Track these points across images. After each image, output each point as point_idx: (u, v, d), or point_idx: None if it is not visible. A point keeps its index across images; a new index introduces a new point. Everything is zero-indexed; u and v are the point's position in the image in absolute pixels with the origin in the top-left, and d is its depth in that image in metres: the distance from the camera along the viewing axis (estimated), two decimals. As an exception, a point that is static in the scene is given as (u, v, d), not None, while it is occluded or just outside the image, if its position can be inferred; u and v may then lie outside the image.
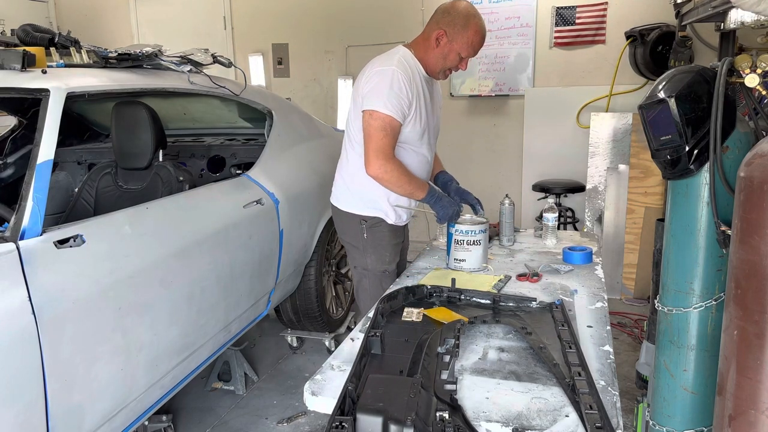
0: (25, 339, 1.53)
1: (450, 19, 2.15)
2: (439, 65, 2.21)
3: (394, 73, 2.09)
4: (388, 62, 2.14)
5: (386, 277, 2.34)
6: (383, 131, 2.08)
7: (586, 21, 4.59)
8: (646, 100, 1.50)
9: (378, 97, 2.08)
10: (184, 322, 2.15)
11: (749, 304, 1.09)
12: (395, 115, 2.08)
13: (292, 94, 5.41)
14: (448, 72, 2.26)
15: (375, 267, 2.33)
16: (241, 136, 3.51)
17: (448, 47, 2.16)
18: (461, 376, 1.39)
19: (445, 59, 2.19)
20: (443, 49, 2.17)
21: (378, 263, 2.33)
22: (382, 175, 2.10)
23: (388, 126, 2.08)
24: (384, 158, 2.08)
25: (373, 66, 2.17)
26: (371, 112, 2.08)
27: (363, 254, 2.34)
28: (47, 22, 5.81)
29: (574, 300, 1.86)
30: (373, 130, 2.08)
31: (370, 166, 2.10)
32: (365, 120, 2.10)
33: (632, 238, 4.01)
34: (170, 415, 2.59)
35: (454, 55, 2.17)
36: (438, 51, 2.17)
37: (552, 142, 4.76)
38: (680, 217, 1.51)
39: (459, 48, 2.16)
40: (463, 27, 2.14)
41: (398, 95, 2.08)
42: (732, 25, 2.05)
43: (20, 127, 3.04)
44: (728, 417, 1.16)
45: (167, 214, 2.24)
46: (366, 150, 2.10)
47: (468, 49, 2.17)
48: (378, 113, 2.07)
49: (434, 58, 2.19)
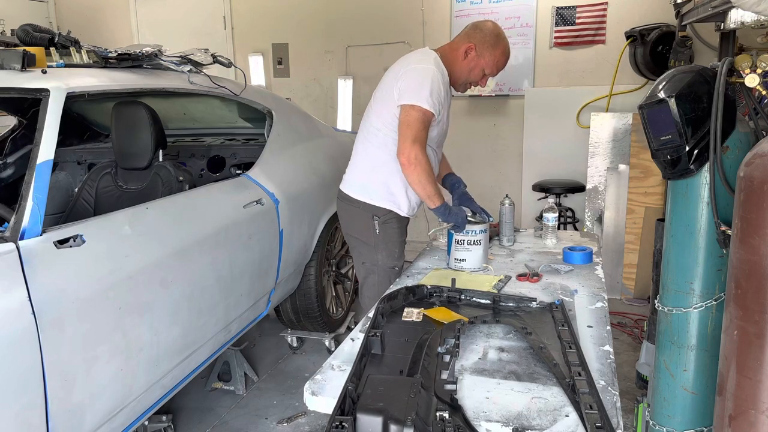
0: (25, 339, 1.53)
1: (481, 35, 2.26)
2: (463, 77, 2.30)
3: (434, 73, 2.17)
4: (426, 61, 2.21)
5: (395, 273, 2.37)
6: (423, 124, 2.14)
7: (586, 21, 4.59)
8: (646, 100, 1.50)
9: (421, 92, 2.14)
10: (184, 322, 2.15)
11: (749, 304, 1.09)
12: (433, 109, 2.16)
13: (292, 94, 5.41)
14: (469, 86, 2.35)
15: (385, 263, 2.37)
16: (241, 136, 3.51)
17: (475, 62, 2.26)
18: (461, 376, 1.39)
19: (470, 72, 2.29)
20: (470, 62, 2.26)
21: (388, 259, 2.37)
22: (413, 163, 2.13)
23: (428, 120, 2.16)
24: (420, 147, 2.12)
25: (409, 63, 2.23)
26: (413, 106, 2.14)
27: (374, 250, 2.37)
28: (47, 22, 5.81)
29: (574, 300, 1.86)
30: (414, 120, 2.13)
31: (404, 151, 2.13)
32: (406, 112, 2.15)
33: (632, 238, 4.01)
34: (170, 415, 2.59)
35: (479, 70, 2.28)
36: (465, 63, 2.27)
37: (552, 142, 4.76)
38: (680, 217, 1.51)
39: (485, 64, 2.27)
40: (493, 45, 2.25)
41: (438, 94, 2.17)
42: (732, 25, 2.05)
43: (20, 127, 3.04)
44: (728, 417, 1.16)
45: (167, 214, 2.24)
46: (403, 137, 2.14)
47: (493, 67, 2.28)
48: (420, 107, 2.13)
49: (460, 69, 2.28)
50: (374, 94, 2.36)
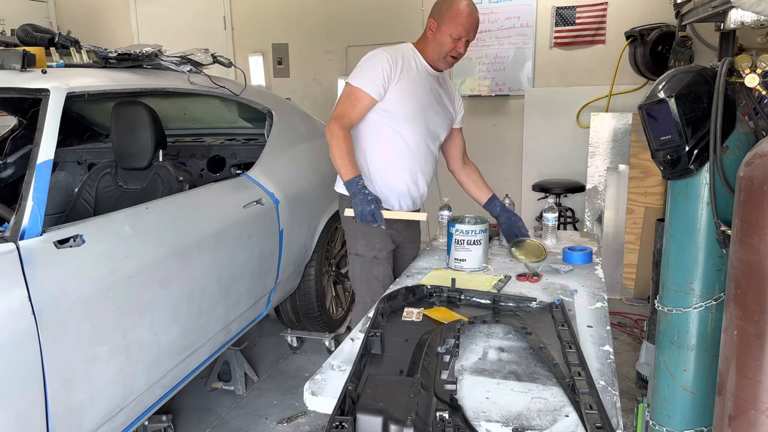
0: (25, 339, 1.53)
1: (437, 7, 2.27)
2: (436, 53, 2.28)
3: (375, 53, 2.23)
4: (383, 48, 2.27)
5: (376, 263, 2.36)
6: (346, 98, 2.21)
7: (586, 21, 4.59)
8: (646, 100, 1.50)
9: (355, 72, 2.23)
10: (184, 322, 2.15)
11: (749, 304, 1.09)
12: (364, 86, 2.19)
13: (292, 94, 5.41)
14: (450, 59, 2.30)
15: (365, 253, 2.36)
16: (241, 136, 3.51)
17: (440, 32, 2.24)
18: (461, 376, 1.39)
19: (441, 45, 2.26)
20: (436, 35, 2.25)
21: (367, 249, 2.35)
22: (328, 138, 2.18)
23: (353, 95, 2.20)
24: (334, 123, 2.17)
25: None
26: (346, 83, 2.23)
27: (354, 240, 2.38)
28: (47, 22, 5.81)
29: (574, 300, 1.86)
30: (341, 97, 2.23)
31: (326, 127, 2.21)
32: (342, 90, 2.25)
33: (632, 238, 4.01)
34: (170, 415, 2.59)
35: (446, 38, 2.24)
36: (432, 39, 2.27)
37: (552, 142, 4.75)
38: (680, 217, 1.51)
39: (448, 29, 2.23)
40: (447, 8, 2.24)
41: (373, 69, 2.19)
42: (732, 25, 2.05)
43: (20, 127, 3.04)
44: (728, 417, 1.16)
45: (167, 214, 2.24)
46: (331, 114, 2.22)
47: (456, 27, 2.22)
48: (349, 83, 2.22)
49: (431, 47, 2.28)
50: None
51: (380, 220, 2.09)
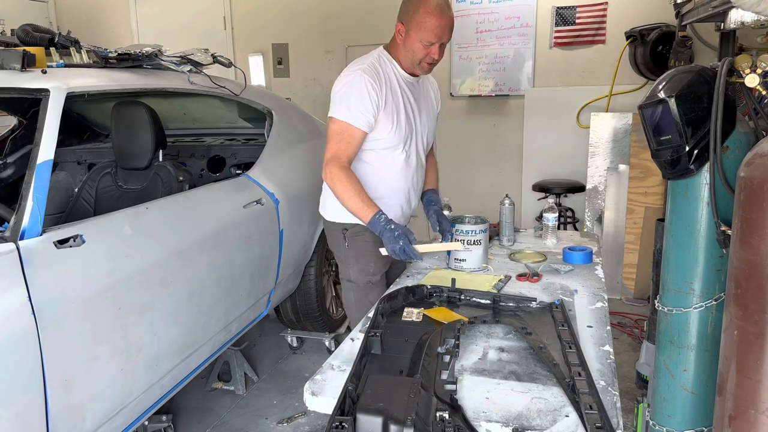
0: (25, 339, 1.53)
1: (404, 8, 2.05)
2: (408, 59, 2.08)
3: (357, 78, 2.00)
4: (359, 64, 2.06)
5: (371, 288, 2.22)
6: (339, 137, 2.00)
7: (586, 21, 4.59)
8: (646, 100, 1.50)
9: (339, 103, 2.01)
10: (184, 322, 2.15)
11: (749, 304, 1.09)
12: (354, 122, 2.00)
13: (292, 94, 5.40)
14: (426, 65, 2.09)
15: (358, 278, 2.22)
16: (241, 136, 3.51)
17: (409, 38, 2.03)
18: (461, 376, 1.39)
19: (412, 53, 2.05)
20: (405, 42, 2.05)
21: (361, 274, 2.22)
22: (329, 183, 2.01)
23: (345, 132, 2.00)
24: (332, 165, 1.99)
25: (344, 70, 2.09)
26: (331, 118, 2.02)
27: (346, 265, 2.25)
28: (47, 22, 5.81)
29: (574, 300, 1.86)
30: (331, 134, 2.02)
31: (323, 171, 2.02)
32: (328, 126, 2.04)
33: (632, 238, 4.01)
34: (170, 415, 2.59)
35: (416, 44, 2.03)
36: (402, 45, 2.07)
37: (552, 142, 4.75)
38: (680, 217, 1.51)
39: (417, 35, 2.01)
40: (414, 12, 2.00)
41: (359, 101, 1.99)
42: (732, 25, 2.05)
43: (20, 127, 3.04)
44: (728, 417, 1.16)
45: (167, 214, 2.24)
46: (325, 154, 2.03)
47: (426, 32, 1.99)
48: (337, 120, 2.01)
49: (403, 54, 2.08)
50: None
51: (415, 256, 1.93)
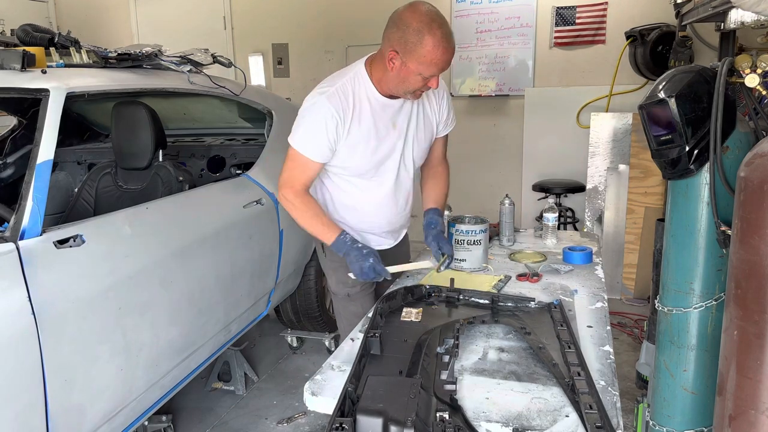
0: (25, 339, 1.53)
1: (400, 35, 1.74)
2: (400, 89, 1.81)
3: (318, 106, 1.82)
4: (325, 87, 1.87)
5: (350, 301, 2.12)
6: (293, 163, 1.89)
7: (586, 21, 4.59)
8: (646, 100, 1.50)
9: (297, 128, 1.88)
10: (184, 322, 2.15)
11: (749, 304, 1.09)
12: (306, 153, 1.85)
13: (292, 94, 5.40)
14: (419, 93, 1.84)
15: (337, 290, 2.14)
16: (241, 136, 3.51)
17: (405, 70, 1.75)
18: (461, 376, 1.39)
19: (405, 82, 1.78)
20: (399, 72, 1.76)
21: (339, 286, 2.12)
22: (285, 207, 1.93)
23: (299, 160, 1.88)
24: (287, 191, 1.90)
25: (317, 87, 1.90)
26: (290, 146, 1.89)
27: (327, 276, 2.19)
28: (47, 22, 5.81)
29: (574, 300, 1.86)
30: (287, 160, 1.91)
31: (280, 197, 1.93)
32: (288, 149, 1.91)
33: (632, 238, 4.01)
34: (170, 415, 2.59)
35: (413, 77, 1.76)
36: (393, 75, 1.78)
37: (552, 142, 4.75)
38: (680, 217, 1.51)
39: (417, 68, 1.73)
40: (416, 44, 1.70)
41: (315, 133, 1.83)
42: (732, 25, 2.05)
43: (20, 127, 3.04)
44: (728, 417, 1.16)
45: (167, 214, 2.24)
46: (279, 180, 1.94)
47: (430, 67, 1.72)
48: (293, 149, 1.88)
49: (392, 81, 1.80)
50: None
51: (384, 273, 1.84)
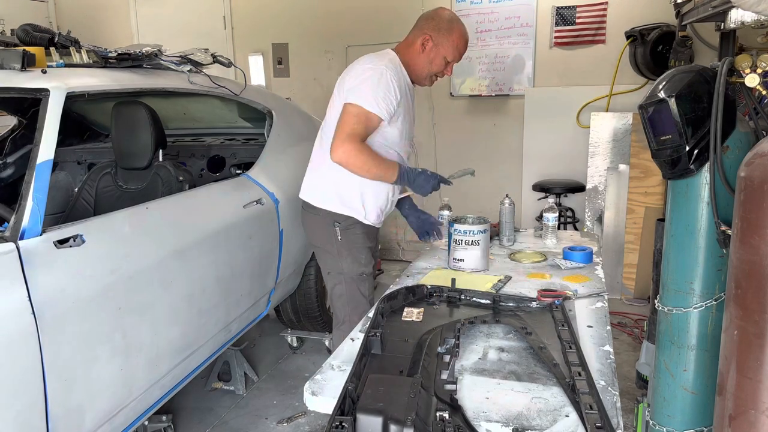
0: (25, 339, 1.53)
1: (435, 24, 2.20)
2: (425, 70, 2.24)
3: (384, 71, 2.10)
4: (378, 61, 2.15)
5: (363, 280, 2.28)
6: (357, 119, 2.05)
7: (586, 21, 4.59)
8: (646, 100, 1.50)
9: (365, 92, 2.07)
10: (184, 322, 2.15)
11: (749, 304, 1.09)
12: (378, 112, 2.07)
13: (292, 94, 5.40)
14: (434, 78, 2.28)
15: (351, 270, 2.26)
16: (241, 136, 3.51)
17: (435, 51, 2.20)
18: (461, 376, 1.39)
19: (432, 64, 2.22)
20: (429, 53, 2.20)
21: (354, 266, 2.26)
22: (347, 159, 2.04)
23: (365, 117, 2.06)
24: (351, 142, 2.03)
25: (362, 63, 2.17)
26: (353, 105, 2.06)
27: (338, 258, 2.27)
28: (47, 22, 5.81)
29: (574, 300, 1.86)
30: (348, 117, 2.06)
31: (336, 150, 2.04)
32: (344, 110, 2.08)
33: (632, 238, 4.01)
34: (170, 415, 2.59)
35: (440, 59, 2.21)
36: (424, 56, 2.21)
37: (552, 142, 4.75)
38: (680, 217, 1.51)
39: (445, 52, 2.20)
40: (448, 31, 2.19)
41: (386, 93, 2.09)
42: (732, 25, 2.05)
43: (20, 127, 3.04)
44: (728, 417, 1.16)
45: (167, 214, 2.24)
46: (335, 135, 2.06)
47: (454, 52, 2.22)
48: (359, 107, 2.06)
49: (421, 63, 2.22)
50: (335, 94, 2.25)
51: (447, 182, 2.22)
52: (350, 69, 2.20)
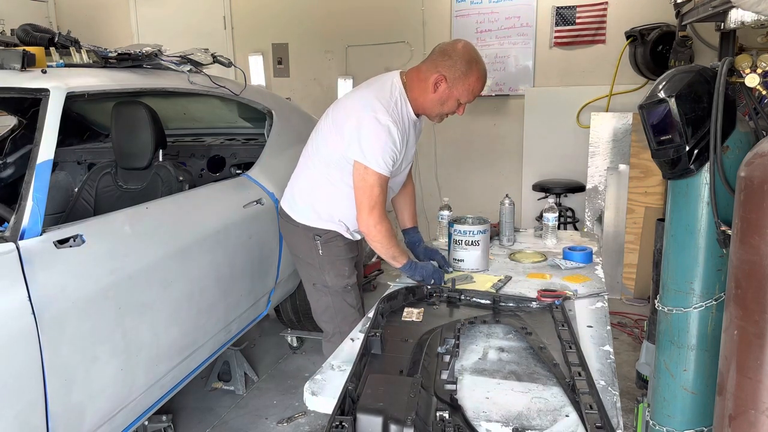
0: (25, 339, 1.53)
1: (451, 63, 2.00)
2: (435, 110, 2.09)
3: (389, 130, 1.98)
4: (382, 109, 1.99)
5: (348, 291, 2.22)
6: (379, 188, 2.00)
7: (586, 21, 4.59)
8: (646, 100, 1.49)
9: (375, 153, 1.97)
10: (184, 322, 2.15)
11: (749, 304, 1.09)
12: (387, 173, 2.01)
13: (292, 94, 5.40)
14: (444, 116, 2.14)
15: (335, 284, 2.20)
16: (241, 136, 3.51)
17: (447, 93, 2.04)
18: (461, 376, 1.39)
19: (443, 105, 2.07)
20: (442, 95, 2.04)
21: (338, 279, 2.20)
22: (374, 233, 2.03)
23: (384, 183, 2.01)
24: (378, 216, 2.00)
25: (365, 107, 2.01)
26: (366, 168, 1.98)
27: (320, 271, 2.21)
28: (47, 22, 5.81)
29: (574, 300, 1.86)
30: (369, 186, 1.99)
31: (362, 220, 2.02)
32: (359, 173, 2.00)
33: (632, 238, 4.01)
34: (170, 415, 2.59)
35: (453, 101, 2.06)
36: (436, 96, 2.04)
37: (552, 142, 4.75)
38: (680, 217, 1.51)
39: (459, 95, 2.04)
40: (465, 74, 2.01)
41: (392, 154, 1.99)
42: (732, 25, 2.05)
43: (20, 127, 3.04)
44: (728, 417, 1.16)
45: (167, 214, 2.24)
46: (361, 203, 2.01)
47: (469, 95, 2.06)
48: (373, 171, 1.98)
49: (431, 102, 2.06)
50: (329, 113, 2.16)
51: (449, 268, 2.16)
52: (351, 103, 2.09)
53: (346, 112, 2.07)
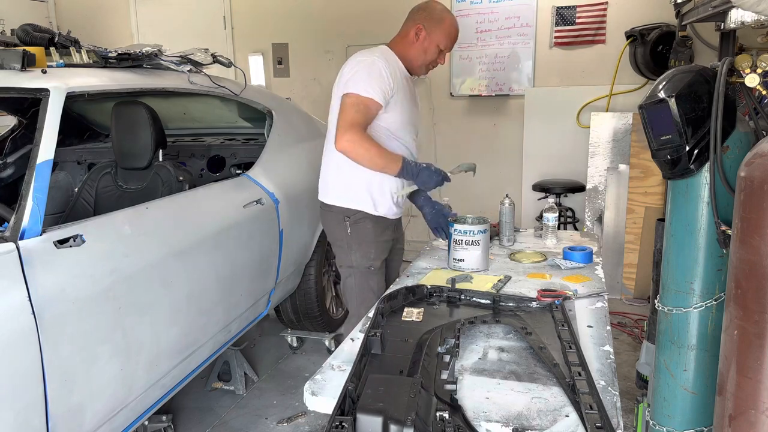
0: (25, 339, 1.53)
1: (426, 14, 2.27)
2: (420, 59, 2.29)
3: (375, 60, 2.17)
4: (369, 53, 2.22)
5: (372, 274, 2.32)
6: (355, 108, 2.11)
7: (586, 21, 4.59)
8: (646, 100, 1.49)
9: (358, 81, 2.13)
10: (184, 322, 2.15)
11: (749, 304, 1.09)
12: (375, 96, 2.13)
13: (292, 94, 5.40)
14: (430, 66, 2.34)
15: (360, 263, 2.31)
16: (241, 136, 3.51)
17: (428, 40, 2.26)
18: (461, 376, 1.39)
19: (426, 52, 2.28)
20: (422, 42, 2.27)
21: (363, 259, 2.31)
22: (350, 147, 2.10)
23: (362, 105, 2.12)
24: (353, 131, 2.09)
25: (354, 57, 2.24)
26: (349, 94, 2.12)
27: (348, 251, 2.33)
28: (47, 22, 5.81)
29: (574, 300, 1.86)
30: (347, 107, 2.12)
31: (338, 139, 2.10)
32: (343, 101, 2.14)
33: (632, 238, 4.01)
34: (170, 415, 2.59)
35: (433, 47, 2.28)
36: (418, 45, 2.27)
37: (552, 142, 4.75)
38: (680, 217, 1.51)
39: (438, 39, 2.27)
40: (440, 20, 2.27)
41: (379, 79, 2.14)
42: (732, 25, 2.05)
43: (20, 127, 3.04)
44: (728, 417, 1.16)
45: (167, 214, 2.24)
46: (337, 125, 2.12)
47: (446, 40, 2.29)
48: (356, 95, 2.12)
49: (415, 52, 2.28)
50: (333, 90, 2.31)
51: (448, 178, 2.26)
52: (344, 66, 2.26)
53: (341, 78, 2.23)
